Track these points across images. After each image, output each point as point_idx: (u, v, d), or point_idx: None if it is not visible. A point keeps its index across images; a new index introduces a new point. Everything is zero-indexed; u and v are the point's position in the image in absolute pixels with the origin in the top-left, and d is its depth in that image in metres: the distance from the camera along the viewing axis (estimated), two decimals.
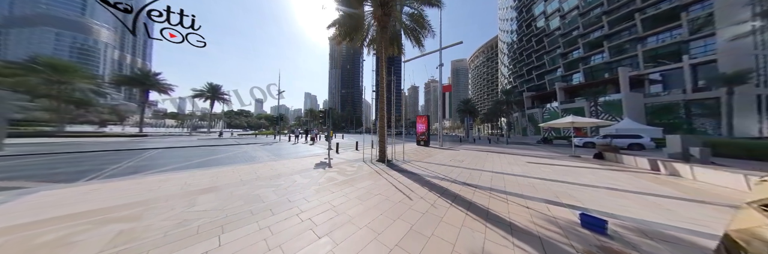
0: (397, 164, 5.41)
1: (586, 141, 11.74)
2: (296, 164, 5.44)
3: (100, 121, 44.94)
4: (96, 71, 68.92)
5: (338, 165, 5.22)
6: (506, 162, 5.76)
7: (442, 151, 8.84)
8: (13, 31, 67.92)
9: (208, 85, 33.43)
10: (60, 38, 71.02)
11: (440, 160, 6.18)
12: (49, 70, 19.42)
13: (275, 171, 4.37)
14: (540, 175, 4.04)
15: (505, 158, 6.78)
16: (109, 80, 29.72)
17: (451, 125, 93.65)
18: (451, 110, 14.44)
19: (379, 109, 6.01)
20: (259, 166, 4.99)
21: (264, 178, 3.73)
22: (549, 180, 3.65)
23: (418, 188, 3.14)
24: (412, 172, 4.37)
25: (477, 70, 79.78)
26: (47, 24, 69.88)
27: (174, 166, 5.37)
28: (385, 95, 6.02)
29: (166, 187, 3.10)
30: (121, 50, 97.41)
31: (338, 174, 4.20)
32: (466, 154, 7.81)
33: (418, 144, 11.97)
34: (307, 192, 2.88)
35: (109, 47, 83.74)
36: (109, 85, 30.36)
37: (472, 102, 40.84)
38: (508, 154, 7.89)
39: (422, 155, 7.42)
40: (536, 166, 5.15)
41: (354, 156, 7.05)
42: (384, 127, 5.95)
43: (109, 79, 30.07)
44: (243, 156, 7.45)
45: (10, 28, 68.55)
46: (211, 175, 3.93)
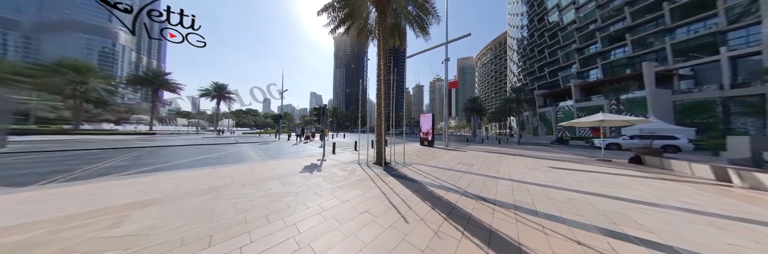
0: (396, 168, 4.72)
1: (610, 142, 10.58)
2: (283, 166, 4.87)
3: (117, 119, 47.50)
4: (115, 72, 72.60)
5: (329, 169, 4.59)
6: (524, 167, 4.94)
7: (447, 152, 8.07)
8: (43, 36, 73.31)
9: (213, 85, 33.90)
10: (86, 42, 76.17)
11: (446, 163, 5.43)
12: (71, 71, 20.56)
13: (255, 175, 3.80)
14: (574, 186, 3.24)
15: (522, 161, 5.93)
16: (123, 80, 30.74)
17: (457, 124, 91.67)
18: (457, 108, 13.54)
19: (377, 106, 5.33)
20: (242, 168, 4.44)
21: (236, 185, 3.15)
22: (589, 193, 2.84)
23: (417, 203, 2.45)
24: (412, 179, 3.68)
25: (484, 68, 77.50)
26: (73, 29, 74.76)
27: (152, 167, 4.93)
28: (383, 89, 5.33)
29: (114, 195, 2.57)
30: (138, 52, 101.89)
31: (324, 180, 3.57)
32: (475, 156, 7.00)
33: (421, 145, 11.21)
34: (274, 208, 2.26)
35: (126, 49, 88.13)
36: (122, 84, 31.53)
37: (479, 100, 39.38)
38: (524, 157, 7.01)
39: (426, 157, 6.69)
40: (564, 173, 4.31)
41: (350, 157, 6.42)
42: (382, 125, 5.27)
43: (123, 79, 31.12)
44: (233, 156, 6.99)
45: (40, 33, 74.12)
46: (179, 179, 3.40)
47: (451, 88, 11.98)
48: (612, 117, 6.03)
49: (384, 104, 5.31)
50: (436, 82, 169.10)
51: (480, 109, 37.13)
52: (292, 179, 3.60)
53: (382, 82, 5.24)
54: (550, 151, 9.15)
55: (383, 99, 5.31)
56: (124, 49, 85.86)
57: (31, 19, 75.51)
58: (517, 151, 8.93)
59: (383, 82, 5.31)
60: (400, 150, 8.88)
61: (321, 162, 5.64)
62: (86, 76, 22.06)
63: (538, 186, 3.18)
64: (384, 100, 5.34)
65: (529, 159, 6.51)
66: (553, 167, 4.95)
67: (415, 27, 6.62)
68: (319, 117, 6.80)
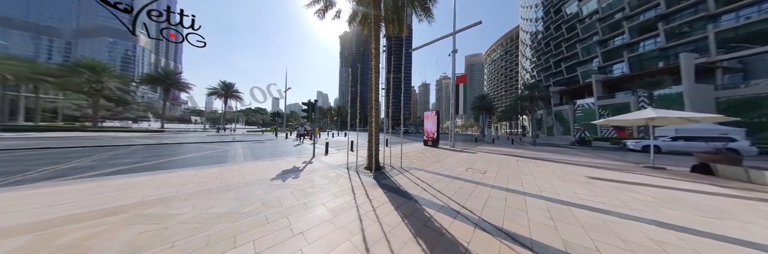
0: (390, 175, 3.85)
1: (646, 144, 9.10)
2: (258, 170, 4.13)
3: (135, 117, 50.08)
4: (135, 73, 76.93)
5: (309, 175, 3.79)
6: (554, 176, 3.91)
7: (454, 154, 7.07)
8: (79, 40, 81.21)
9: (221, 83, 34.39)
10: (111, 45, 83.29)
11: (452, 169, 4.49)
12: (87, 71, 21.68)
13: (214, 184, 3.06)
14: (648, 212, 2.19)
15: (547, 167, 4.86)
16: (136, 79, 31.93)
17: (465, 123, 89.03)
18: (465, 106, 12.29)
19: (370, 99, 4.47)
20: (208, 173, 3.74)
21: (176, 199, 2.41)
22: (687, 230, 1.80)
23: (405, 243, 1.58)
24: (406, 194, 2.79)
25: (494, 65, 74.43)
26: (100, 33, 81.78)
27: (117, 169, 4.35)
28: (375, 78, 4.45)
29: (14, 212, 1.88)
30: (156, 54, 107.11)
31: (293, 193, 2.76)
32: (488, 160, 5.98)
33: (425, 145, 10.24)
34: (184, 246, 1.47)
35: (145, 51, 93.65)
36: (136, 83, 32.76)
37: (489, 98, 37.53)
38: (548, 161, 5.89)
39: (428, 160, 5.76)
40: (613, 187, 3.25)
41: (342, 159, 5.61)
42: (376, 122, 4.41)
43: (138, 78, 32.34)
44: (217, 156, 6.39)
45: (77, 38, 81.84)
46: (111, 188, 2.71)
47: (458, 83, 10.87)
48: (667, 113, 4.77)
49: (377, 97, 4.44)
50: (443, 80, 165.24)
51: (489, 107, 35.33)
52: (253, 190, 2.82)
53: (374, 68, 4.36)
54: (574, 154, 7.90)
55: (375, 91, 4.43)
56: (143, 51, 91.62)
57: (71, 26, 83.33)
58: (536, 154, 7.76)
59: (375, 68, 4.43)
60: (400, 150, 8.01)
61: (305, 165, 4.87)
62: (101, 75, 23.17)
63: (590, 212, 2.18)
64: (376, 92, 4.46)
65: (554, 164, 5.40)
66: (592, 177, 3.88)
67: (418, 9, 5.67)
68: (309, 113, 6.05)
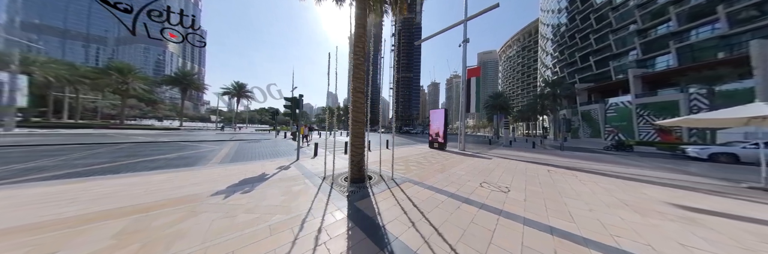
0: (373, 192, 2.80)
1: (714, 151, 7.13)
2: (217, 177, 3.33)
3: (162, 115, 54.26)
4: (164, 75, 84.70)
5: (268, 188, 2.87)
6: (617, 202, 2.62)
7: (464, 160, 5.84)
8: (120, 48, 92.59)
9: (234, 84, 35.57)
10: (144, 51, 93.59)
11: (461, 183, 3.35)
12: (116, 72, 23.76)
13: (130, 200, 2.23)
14: None
15: (597, 184, 3.53)
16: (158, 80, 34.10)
17: (476, 124, 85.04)
18: (478, 103, 10.71)
19: (353, 91, 3.48)
20: (153, 180, 2.97)
21: (66, 223, 1.60)
22: None
23: None
24: (383, 235, 1.74)
25: (509, 62, 70.11)
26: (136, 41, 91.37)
27: (64, 172, 3.77)
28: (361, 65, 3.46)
29: None
30: (183, 58, 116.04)
31: (212, 226, 1.83)
32: (508, 168, 4.71)
33: (430, 147, 9.05)
34: None
35: (173, 56, 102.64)
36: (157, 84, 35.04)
37: (504, 96, 35.00)
38: (591, 173, 4.49)
39: (432, 167, 4.64)
40: (739, 229, 1.96)
41: (328, 164, 4.68)
42: (361, 120, 3.41)
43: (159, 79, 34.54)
44: (194, 157, 5.77)
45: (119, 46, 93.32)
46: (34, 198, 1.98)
47: (470, 78, 9.52)
48: None
49: (361, 87, 3.44)
50: (454, 79, 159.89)
51: (505, 107, 32.83)
52: (158, 217, 1.95)
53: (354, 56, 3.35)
54: (619, 163, 6.27)
55: (357, 78, 3.43)
56: (171, 56, 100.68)
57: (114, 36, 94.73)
58: (569, 161, 6.26)
59: (358, 54, 3.43)
60: (402, 153, 6.94)
61: (278, 171, 4.01)
62: (127, 76, 25.16)
63: None
64: (362, 81, 3.46)
65: (602, 178, 4.01)
66: (682, 206, 2.53)
67: None
68: (292, 110, 5.22)
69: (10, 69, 13.24)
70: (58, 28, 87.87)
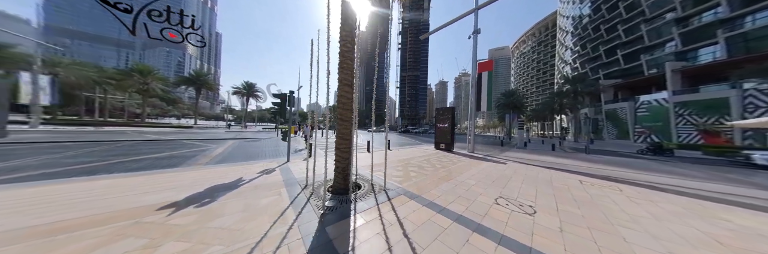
0: (358, 210, 2.20)
1: None
2: (189, 181, 2.89)
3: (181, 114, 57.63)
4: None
5: (236, 198, 2.36)
6: (701, 236, 1.81)
7: (473, 164, 5.09)
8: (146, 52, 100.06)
9: (244, 84, 36.52)
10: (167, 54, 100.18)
11: (471, 198, 2.66)
12: (137, 74, 25.26)
13: (74, 213, 1.80)
14: None
15: (658, 202, 2.69)
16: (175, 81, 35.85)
17: (486, 124, 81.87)
18: (490, 101, 9.61)
19: (339, 82, 2.89)
20: (123, 183, 2.58)
21: None
22: None
23: None
24: None
25: (523, 58, 66.43)
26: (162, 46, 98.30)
27: (41, 172, 3.53)
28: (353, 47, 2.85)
29: None
30: (201, 60, 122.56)
31: (138, 252, 1.34)
32: (528, 177, 3.92)
33: (436, 148, 8.30)
34: None
35: (192, 58, 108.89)
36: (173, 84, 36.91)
37: (517, 94, 32.99)
38: (640, 187, 3.59)
39: (436, 174, 3.96)
40: None
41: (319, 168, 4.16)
42: (348, 118, 2.82)
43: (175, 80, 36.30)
44: (185, 157, 5.50)
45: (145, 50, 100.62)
46: None
47: (481, 72, 8.62)
48: None
49: (349, 77, 2.85)
50: (463, 77, 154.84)
51: (518, 105, 30.90)
52: (72, 241, 1.48)
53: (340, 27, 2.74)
54: (665, 171, 5.20)
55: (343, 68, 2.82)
56: (190, 58, 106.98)
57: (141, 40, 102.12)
58: (601, 168, 5.28)
59: (352, 37, 2.83)
60: (405, 155, 6.29)
61: (259, 176, 3.55)
62: (147, 77, 26.70)
63: None
64: (350, 72, 2.87)
65: (659, 194, 3.13)
66: None
67: None
68: (281, 108, 4.75)
69: (33, 70, 14.11)
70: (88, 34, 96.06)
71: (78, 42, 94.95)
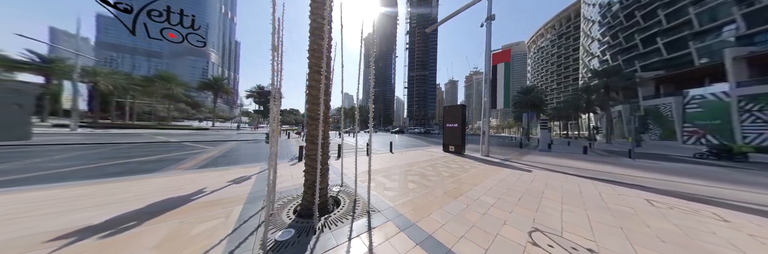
0: (330, 241, 1.49)
1: None
2: (140, 193, 2.35)
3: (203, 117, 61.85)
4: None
5: (166, 222, 1.74)
6: None
7: (489, 172, 4.12)
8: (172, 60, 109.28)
9: (257, 87, 37.91)
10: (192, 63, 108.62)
11: (491, 232, 1.78)
12: (161, 80, 27.48)
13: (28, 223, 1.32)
14: None
15: None
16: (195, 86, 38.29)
17: (500, 124, 77.39)
18: (507, 96, 8.39)
19: (310, 70, 2.22)
20: (74, 194, 2.13)
21: None
22: None
23: None
24: None
25: (541, 53, 61.85)
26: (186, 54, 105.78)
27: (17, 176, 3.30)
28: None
29: None
30: (222, 67, 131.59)
31: None
32: (565, 192, 2.91)
33: (445, 151, 7.35)
34: None
35: (214, 65, 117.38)
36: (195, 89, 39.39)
37: (536, 91, 30.39)
38: (749, 213, 2.47)
39: (442, 186, 3.11)
40: None
41: (297, 179, 3.53)
42: (317, 116, 2.14)
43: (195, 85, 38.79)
44: (173, 160, 5.20)
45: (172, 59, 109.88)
46: None
47: (496, 64, 7.52)
48: None
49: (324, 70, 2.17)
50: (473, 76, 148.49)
51: (538, 103, 28.33)
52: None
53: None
54: (756, 184, 3.82)
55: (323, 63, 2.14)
56: (213, 66, 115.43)
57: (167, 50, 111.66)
58: (664, 180, 4.03)
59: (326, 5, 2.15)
60: (404, 159, 5.44)
61: (228, 185, 2.99)
62: (170, 83, 28.78)
63: None
64: (320, 56, 2.19)
65: None
66: None
67: None
68: (263, 106, 4.21)
69: (73, 78, 15.53)
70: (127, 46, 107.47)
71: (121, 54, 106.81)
